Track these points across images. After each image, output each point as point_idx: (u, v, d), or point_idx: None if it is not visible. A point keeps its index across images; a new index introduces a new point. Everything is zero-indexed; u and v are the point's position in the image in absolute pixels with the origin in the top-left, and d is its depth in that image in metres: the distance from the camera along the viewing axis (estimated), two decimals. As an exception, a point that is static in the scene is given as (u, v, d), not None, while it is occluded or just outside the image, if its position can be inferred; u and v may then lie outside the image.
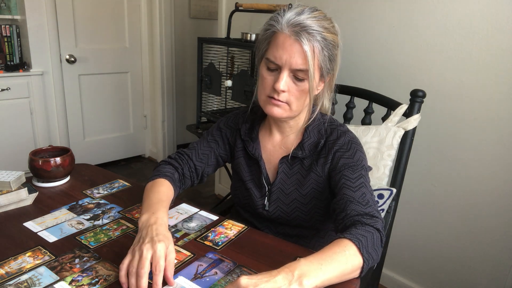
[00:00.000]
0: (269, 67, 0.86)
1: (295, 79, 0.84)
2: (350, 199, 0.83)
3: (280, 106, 0.88)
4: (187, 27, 3.36)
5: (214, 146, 1.05)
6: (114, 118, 3.16)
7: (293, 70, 0.83)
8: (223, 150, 1.06)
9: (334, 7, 1.74)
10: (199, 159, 1.03)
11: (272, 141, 1.00)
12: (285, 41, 0.82)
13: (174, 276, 0.73)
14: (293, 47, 0.81)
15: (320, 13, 0.85)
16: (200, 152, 1.03)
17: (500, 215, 1.43)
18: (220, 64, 1.99)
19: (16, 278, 0.71)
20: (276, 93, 0.86)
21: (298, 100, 0.87)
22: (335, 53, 0.87)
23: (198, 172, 1.03)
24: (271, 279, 0.60)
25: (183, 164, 1.01)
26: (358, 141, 0.95)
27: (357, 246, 0.70)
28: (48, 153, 1.14)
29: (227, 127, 1.06)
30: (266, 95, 0.88)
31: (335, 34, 0.86)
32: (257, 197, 1.00)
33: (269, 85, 0.87)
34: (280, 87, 0.84)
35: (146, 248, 0.68)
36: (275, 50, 0.84)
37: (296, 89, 0.85)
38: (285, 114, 0.89)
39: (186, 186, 1.03)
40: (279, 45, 0.83)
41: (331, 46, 0.85)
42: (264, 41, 0.88)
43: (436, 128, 1.53)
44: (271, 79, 0.86)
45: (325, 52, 0.84)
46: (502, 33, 1.32)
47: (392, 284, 1.80)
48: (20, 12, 2.53)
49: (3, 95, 2.44)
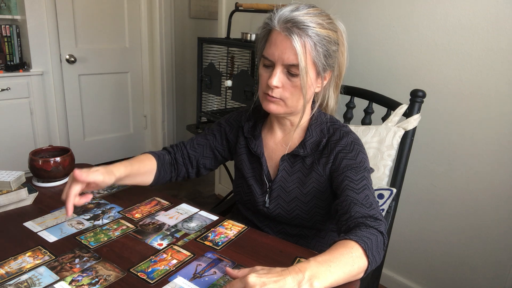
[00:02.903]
0: (265, 64, 0.87)
1: (289, 74, 0.85)
2: (353, 201, 0.83)
3: (275, 102, 0.88)
4: (187, 27, 3.36)
5: (210, 138, 1.08)
6: (114, 118, 3.16)
7: (286, 65, 0.84)
8: (220, 144, 1.08)
9: (334, 7, 1.74)
10: (193, 148, 1.07)
11: (274, 138, 1.01)
12: (277, 37, 0.83)
13: (173, 276, 0.73)
14: (284, 43, 0.82)
15: (316, 10, 0.85)
16: (195, 142, 1.08)
17: (500, 215, 1.43)
18: (220, 64, 1.99)
19: (16, 278, 0.71)
20: (270, 89, 0.86)
21: (292, 96, 0.87)
22: (333, 49, 0.86)
23: (191, 160, 1.06)
24: (281, 280, 0.59)
25: (176, 150, 1.07)
26: (361, 142, 0.95)
27: (363, 248, 0.70)
28: (48, 153, 1.14)
29: (227, 123, 1.08)
30: (263, 92, 0.89)
31: (331, 30, 0.85)
32: (258, 194, 1.00)
33: (265, 81, 0.88)
34: (273, 83, 0.84)
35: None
36: (268, 47, 0.85)
37: (290, 84, 0.86)
38: (281, 110, 0.89)
39: (180, 173, 1.07)
40: (272, 42, 0.84)
41: (325, 42, 0.84)
42: (261, 39, 0.89)
43: (436, 128, 1.53)
44: (266, 76, 0.87)
45: (319, 48, 0.83)
46: (502, 33, 1.32)
47: (392, 284, 1.80)
48: (20, 12, 2.53)
49: (3, 95, 2.45)
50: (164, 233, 0.88)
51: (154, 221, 0.94)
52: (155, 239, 0.86)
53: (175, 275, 0.73)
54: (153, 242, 0.85)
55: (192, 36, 3.37)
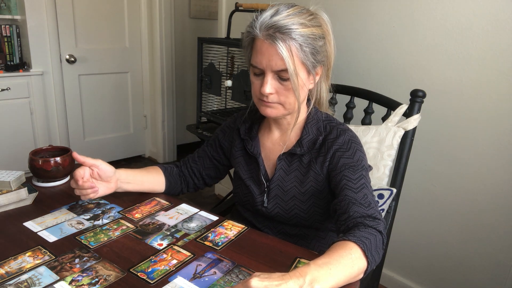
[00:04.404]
0: (255, 72, 0.87)
1: (281, 79, 0.85)
2: (352, 201, 0.83)
3: (273, 107, 0.89)
4: (187, 27, 3.36)
5: (208, 149, 1.13)
6: (114, 118, 3.16)
7: (275, 71, 0.84)
8: (216, 153, 1.12)
9: (334, 7, 1.74)
10: (194, 161, 1.13)
11: (271, 138, 1.01)
12: (262, 46, 0.83)
13: (172, 276, 0.73)
14: (270, 50, 0.81)
15: (295, 9, 0.83)
16: (196, 155, 1.14)
17: (500, 215, 1.43)
18: (220, 64, 1.99)
19: (16, 278, 0.71)
20: (265, 96, 0.87)
21: (288, 99, 0.87)
22: (319, 44, 0.85)
23: (195, 172, 1.12)
24: (282, 284, 0.59)
25: (182, 164, 1.14)
26: (358, 140, 0.94)
27: (362, 249, 0.70)
28: (48, 153, 1.14)
29: (220, 131, 1.11)
30: (257, 98, 0.90)
31: (315, 26, 0.84)
32: (256, 194, 1.00)
33: (257, 89, 0.88)
34: (266, 91, 0.85)
35: None
36: (255, 55, 0.85)
37: (283, 88, 0.86)
38: (279, 113, 0.90)
39: (189, 184, 1.13)
40: (258, 51, 0.84)
41: (311, 40, 0.83)
42: (247, 47, 0.89)
43: (436, 128, 1.53)
44: (258, 84, 0.88)
45: (305, 48, 0.82)
46: (502, 33, 1.32)
47: (392, 284, 1.80)
48: (20, 12, 2.53)
49: (3, 95, 2.44)
50: (164, 233, 0.88)
51: (154, 221, 0.94)
52: (155, 239, 0.86)
53: (175, 275, 0.73)
54: (153, 242, 0.85)
55: (192, 36, 3.37)
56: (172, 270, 0.75)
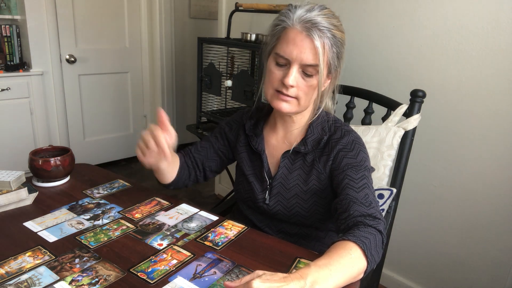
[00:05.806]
0: (278, 62, 0.87)
1: (304, 74, 0.85)
2: (353, 200, 0.83)
3: (289, 102, 0.88)
4: (187, 27, 3.36)
5: (213, 140, 1.10)
6: (114, 118, 3.16)
7: (303, 65, 0.84)
8: (222, 145, 1.10)
9: (334, 7, 1.73)
10: (197, 151, 1.09)
11: (276, 136, 1.01)
12: (296, 36, 0.83)
13: (173, 276, 0.73)
14: (304, 42, 0.82)
15: (329, 11, 0.87)
16: (199, 145, 1.10)
17: (500, 215, 1.43)
18: (220, 64, 1.99)
19: (16, 278, 0.71)
20: (285, 88, 0.86)
21: (306, 96, 0.88)
22: (342, 51, 0.89)
23: (198, 163, 1.08)
24: (284, 286, 0.59)
25: (184, 154, 1.09)
26: (362, 141, 0.95)
27: (362, 249, 0.71)
28: (48, 153, 1.14)
29: (226, 125, 1.10)
30: (274, 89, 0.89)
31: (343, 32, 0.88)
32: (258, 191, 1.01)
33: (278, 79, 0.87)
34: (290, 82, 0.84)
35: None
36: (285, 45, 0.84)
37: (304, 84, 0.86)
38: (293, 109, 0.89)
39: (191, 176, 1.08)
40: (290, 40, 0.84)
41: (339, 44, 0.86)
42: (273, 36, 0.88)
43: (436, 128, 1.53)
44: (280, 74, 0.87)
45: (334, 49, 0.85)
46: (502, 33, 1.32)
47: (392, 284, 1.80)
48: (20, 12, 2.53)
49: (3, 95, 2.44)
50: (164, 233, 0.88)
51: (154, 221, 0.94)
52: (155, 239, 0.86)
53: (175, 275, 0.73)
54: (153, 242, 0.85)
55: (192, 36, 3.37)
56: (172, 270, 0.75)
